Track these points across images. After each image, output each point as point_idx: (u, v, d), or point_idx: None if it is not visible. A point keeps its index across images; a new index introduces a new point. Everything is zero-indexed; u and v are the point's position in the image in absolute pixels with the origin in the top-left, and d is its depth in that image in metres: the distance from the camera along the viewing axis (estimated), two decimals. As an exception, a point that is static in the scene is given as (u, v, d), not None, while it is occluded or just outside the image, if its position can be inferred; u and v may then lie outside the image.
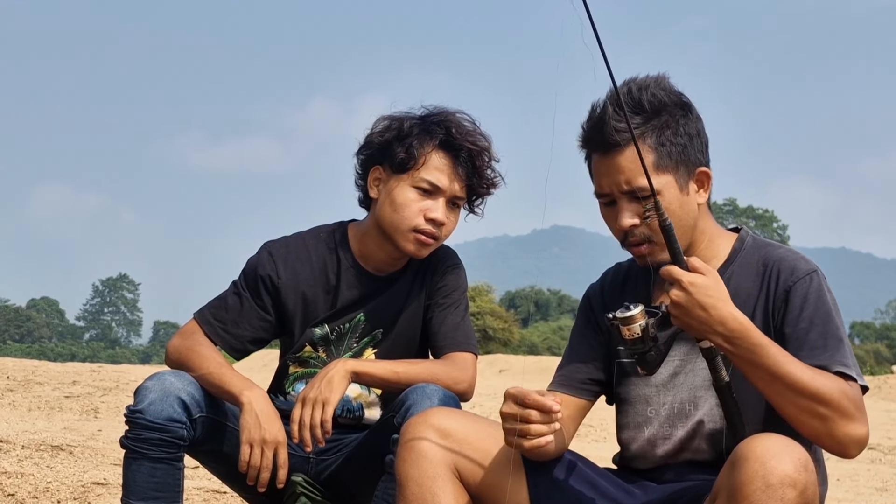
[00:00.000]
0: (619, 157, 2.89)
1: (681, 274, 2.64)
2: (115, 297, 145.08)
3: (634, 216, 2.92)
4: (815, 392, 2.66)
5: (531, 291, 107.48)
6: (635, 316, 2.69)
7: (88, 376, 14.00)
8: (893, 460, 10.12)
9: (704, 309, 2.62)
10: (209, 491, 5.98)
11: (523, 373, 33.03)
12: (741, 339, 2.65)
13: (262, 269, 3.73)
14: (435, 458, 2.87)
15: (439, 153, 3.60)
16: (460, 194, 3.64)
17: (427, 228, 3.59)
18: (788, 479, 2.42)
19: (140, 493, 3.36)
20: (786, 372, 2.66)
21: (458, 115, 3.68)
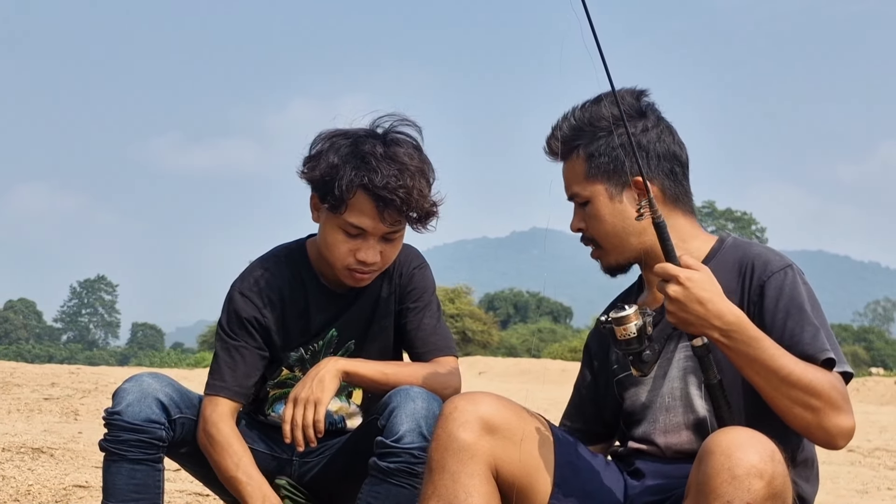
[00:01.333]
0: (563, 166, 3.14)
1: (676, 270, 2.68)
2: (93, 298, 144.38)
3: (580, 221, 3.12)
4: (808, 384, 2.70)
5: (510, 293, 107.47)
6: (629, 316, 2.74)
7: (67, 378, 13.95)
8: (873, 462, 10.15)
9: (702, 303, 2.66)
10: (191, 494, 5.96)
11: (503, 375, 33.03)
12: (738, 332, 2.69)
13: (244, 312, 3.64)
14: (477, 454, 2.82)
15: (364, 197, 3.42)
16: (391, 229, 3.49)
17: (358, 267, 3.52)
18: (755, 469, 2.44)
19: (120, 496, 3.35)
20: (780, 365, 2.69)
21: (389, 138, 3.53)
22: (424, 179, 3.50)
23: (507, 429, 2.88)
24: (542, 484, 2.94)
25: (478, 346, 57.53)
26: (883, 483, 8.53)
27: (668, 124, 3.12)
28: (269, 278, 3.69)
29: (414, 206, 3.45)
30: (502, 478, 2.87)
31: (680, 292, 2.66)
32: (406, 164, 3.44)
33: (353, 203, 3.42)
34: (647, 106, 3.11)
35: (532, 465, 2.92)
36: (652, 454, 3.08)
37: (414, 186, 3.43)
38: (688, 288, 2.66)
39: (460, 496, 2.78)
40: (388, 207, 3.42)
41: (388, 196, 3.39)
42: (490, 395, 2.95)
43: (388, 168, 3.41)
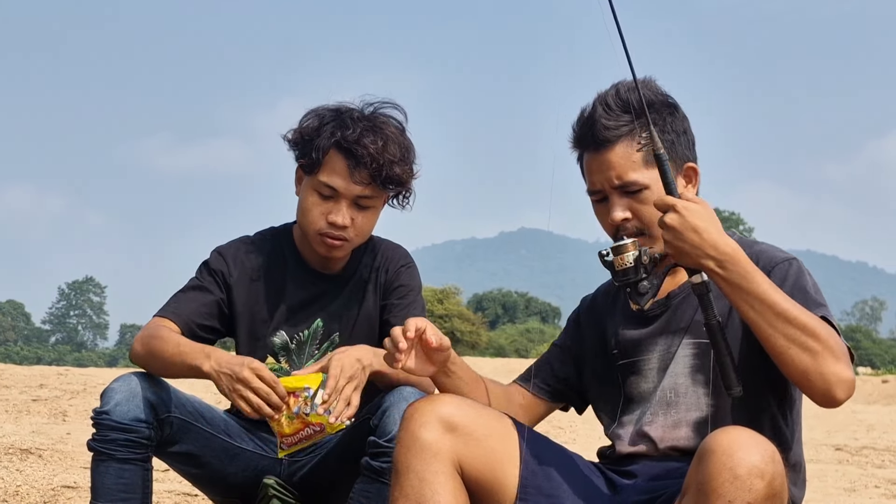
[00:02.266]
0: (610, 153, 3.02)
1: (674, 200, 2.70)
2: (82, 299, 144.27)
3: (626, 210, 3.02)
4: (805, 323, 2.67)
5: (499, 294, 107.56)
6: (627, 246, 2.78)
7: (55, 379, 13.93)
8: (861, 461, 10.18)
9: (697, 232, 2.67)
10: (179, 494, 5.96)
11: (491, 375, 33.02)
12: (733, 263, 2.68)
13: (213, 264, 3.73)
14: (439, 452, 2.84)
15: (337, 155, 3.56)
16: (364, 193, 3.58)
17: (330, 232, 3.58)
18: (756, 469, 2.43)
19: (109, 496, 3.33)
20: (776, 300, 2.68)
21: (368, 110, 3.66)
22: (399, 148, 3.60)
23: (469, 426, 2.91)
24: (509, 478, 2.94)
25: (466, 346, 57.59)
26: (871, 481, 8.55)
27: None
28: (250, 249, 3.79)
29: (385, 168, 3.55)
30: (467, 474, 2.89)
31: (676, 220, 2.67)
32: (382, 129, 3.58)
33: (326, 162, 3.56)
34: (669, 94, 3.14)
35: (496, 459, 2.93)
36: (643, 455, 3.07)
37: (386, 149, 3.54)
38: (684, 216, 2.67)
39: (426, 494, 2.80)
40: (359, 166, 3.52)
41: (358, 151, 3.51)
42: (450, 396, 3.01)
43: (363, 129, 3.55)
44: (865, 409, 19.17)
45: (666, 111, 3.05)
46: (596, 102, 3.07)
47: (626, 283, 2.80)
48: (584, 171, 3.14)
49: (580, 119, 3.11)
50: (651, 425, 3.05)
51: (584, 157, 3.12)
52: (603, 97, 3.06)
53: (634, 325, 3.16)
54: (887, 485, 8.37)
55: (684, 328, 3.05)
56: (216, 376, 3.33)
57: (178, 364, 3.42)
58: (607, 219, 3.06)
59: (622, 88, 3.04)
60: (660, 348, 3.08)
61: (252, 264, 3.75)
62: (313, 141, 3.57)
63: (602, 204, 3.09)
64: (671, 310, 3.10)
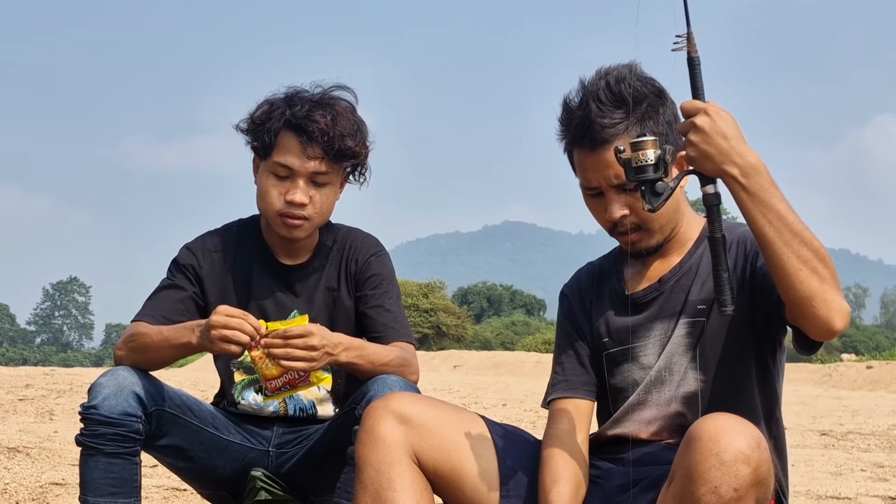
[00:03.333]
0: (607, 152, 2.95)
1: (706, 104, 2.62)
2: (66, 300, 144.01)
3: (624, 207, 3.00)
4: (818, 248, 2.62)
5: (483, 287, 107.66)
6: (647, 142, 2.63)
7: (41, 379, 13.93)
8: (846, 445, 10.24)
9: (726, 138, 2.59)
10: (168, 489, 5.97)
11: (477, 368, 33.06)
12: (757, 174, 2.61)
13: (182, 259, 3.75)
14: (394, 444, 2.90)
15: (288, 134, 3.59)
16: (319, 169, 3.60)
17: (289, 211, 3.60)
18: (742, 455, 2.44)
19: (98, 490, 3.33)
20: (795, 218, 2.62)
21: (317, 91, 3.69)
22: (349, 123, 3.63)
23: (422, 418, 2.96)
24: (467, 466, 2.98)
25: (452, 340, 57.60)
26: (856, 465, 8.59)
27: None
28: (216, 240, 3.81)
29: (336, 140, 3.58)
30: (424, 464, 2.94)
31: (707, 122, 2.59)
32: (331, 105, 3.63)
33: (279, 142, 3.60)
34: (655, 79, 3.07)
35: (452, 449, 2.97)
36: (634, 438, 3.08)
37: (336, 123, 3.58)
38: (715, 120, 2.59)
39: (383, 484, 2.86)
40: (311, 141, 3.56)
41: (308, 126, 3.55)
42: (403, 393, 3.10)
43: (311, 106, 3.60)
44: (850, 395, 19.24)
45: (657, 102, 3.00)
46: (587, 98, 2.99)
47: (642, 180, 2.65)
48: (575, 166, 3.09)
49: (571, 117, 3.03)
50: (644, 405, 3.07)
51: (575, 152, 3.06)
52: (594, 92, 2.98)
53: (626, 312, 3.15)
54: (873, 468, 8.42)
55: (679, 310, 3.05)
56: (201, 341, 3.34)
57: (165, 349, 3.44)
58: (603, 214, 3.04)
59: (612, 80, 2.98)
60: (656, 332, 3.08)
61: (220, 257, 3.77)
62: (265, 124, 3.62)
63: (597, 199, 3.05)
64: (664, 294, 3.10)
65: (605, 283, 3.27)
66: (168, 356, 3.47)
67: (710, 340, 2.99)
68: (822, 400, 16.76)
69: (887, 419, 13.07)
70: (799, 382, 24.22)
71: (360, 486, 2.89)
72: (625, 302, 3.16)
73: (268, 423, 3.77)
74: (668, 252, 3.12)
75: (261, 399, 3.73)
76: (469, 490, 2.99)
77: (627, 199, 2.98)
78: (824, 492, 6.89)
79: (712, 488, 2.44)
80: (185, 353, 3.47)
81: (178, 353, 3.46)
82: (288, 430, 3.73)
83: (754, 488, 2.48)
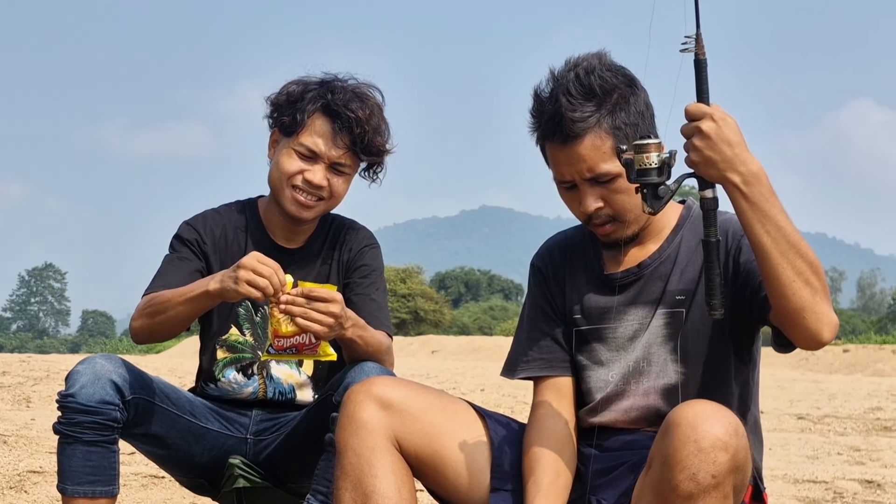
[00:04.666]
0: (579, 146, 2.92)
1: (712, 108, 2.60)
2: (42, 286, 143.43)
3: (598, 200, 2.97)
4: (813, 259, 2.63)
5: (461, 272, 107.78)
6: (650, 145, 2.61)
7: (18, 366, 13.90)
8: (823, 429, 10.29)
9: (731, 145, 2.57)
10: (146, 476, 5.97)
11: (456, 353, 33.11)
12: (759, 183, 2.60)
13: (185, 234, 3.75)
14: (374, 429, 2.90)
15: (321, 118, 3.61)
16: (341, 160, 3.63)
17: (304, 186, 3.61)
18: (720, 442, 2.45)
19: (76, 478, 3.32)
20: (792, 229, 2.62)
21: (351, 83, 3.70)
22: (381, 119, 3.68)
23: (404, 403, 2.96)
24: (448, 451, 2.99)
25: (430, 325, 57.67)
26: (833, 448, 8.65)
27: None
28: (216, 220, 3.81)
29: (368, 135, 3.61)
30: (405, 449, 2.95)
31: (713, 129, 2.56)
32: (368, 100, 3.65)
33: (309, 123, 3.61)
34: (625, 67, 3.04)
35: (434, 434, 2.98)
36: (611, 426, 3.08)
37: (371, 117, 3.62)
38: (721, 126, 2.57)
39: (364, 469, 2.86)
40: (343, 130, 3.59)
41: (345, 114, 3.58)
42: (384, 377, 3.08)
43: (351, 96, 3.62)
44: (827, 379, 19.37)
45: (628, 92, 2.97)
46: (557, 92, 2.94)
47: (645, 184, 2.63)
48: (548, 159, 3.06)
49: (541, 110, 2.99)
50: (623, 395, 3.07)
51: (547, 146, 3.03)
52: (564, 85, 2.94)
53: (603, 292, 3.14)
54: (849, 451, 8.47)
55: (657, 299, 3.05)
56: (223, 285, 3.28)
57: (182, 303, 3.41)
58: (578, 206, 3.02)
59: (581, 72, 2.94)
60: (631, 318, 3.08)
61: (219, 234, 3.78)
62: (297, 103, 3.62)
63: (571, 192, 3.02)
64: (643, 280, 3.09)
65: (579, 257, 3.24)
66: (184, 312, 3.43)
67: (691, 333, 2.99)
68: (799, 383, 16.86)
69: (864, 402, 13.16)
70: (776, 366, 24.36)
71: (340, 471, 2.90)
72: (602, 281, 3.15)
73: (246, 407, 3.77)
74: (644, 239, 3.12)
75: (241, 378, 3.74)
76: (451, 475, 3.00)
77: (601, 192, 2.96)
78: (801, 475, 6.92)
79: (690, 475, 2.44)
80: (201, 306, 3.42)
81: (194, 306, 3.41)
82: (266, 417, 3.73)
83: (732, 475, 2.48)
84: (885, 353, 26.54)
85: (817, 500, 6.11)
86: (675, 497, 2.47)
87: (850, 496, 6.26)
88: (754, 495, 2.91)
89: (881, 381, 18.45)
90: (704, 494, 2.45)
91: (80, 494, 3.33)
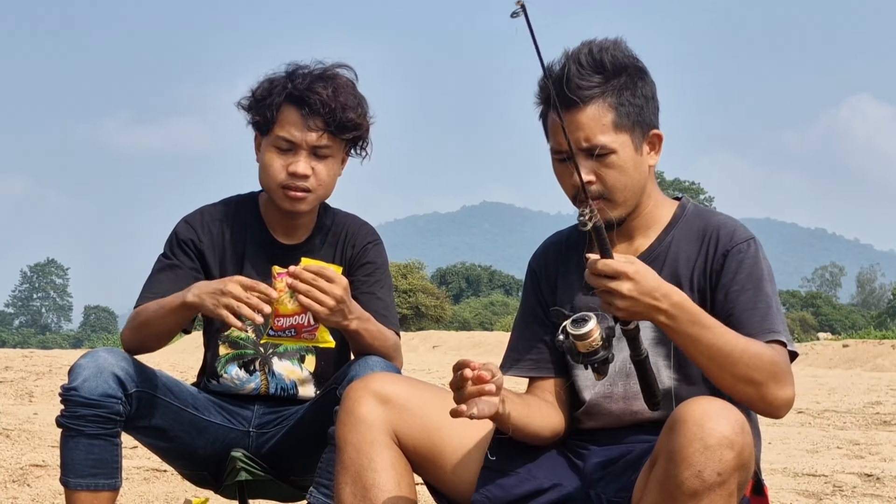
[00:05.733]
0: (580, 114, 2.93)
1: (623, 266, 2.62)
2: (44, 282, 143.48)
3: (590, 173, 2.95)
4: (749, 359, 2.70)
5: (462, 268, 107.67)
6: (592, 331, 2.65)
7: (20, 362, 13.91)
8: (822, 423, 10.31)
9: (653, 295, 2.63)
10: (149, 469, 5.99)
11: (457, 349, 33.11)
12: (683, 312, 2.67)
13: (182, 234, 3.74)
14: (374, 424, 2.91)
15: (289, 108, 3.60)
16: (320, 143, 3.61)
17: (291, 183, 3.60)
18: (726, 440, 2.46)
19: (79, 471, 3.34)
20: (725, 341, 2.70)
21: (317, 67, 3.68)
22: (350, 96, 3.64)
23: (402, 398, 2.98)
24: (447, 444, 3.01)
25: (431, 320, 57.60)
26: (832, 442, 8.66)
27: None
28: (215, 216, 3.80)
29: (338, 112, 3.59)
30: (404, 443, 2.96)
31: (634, 289, 2.61)
32: (333, 79, 3.64)
33: (281, 117, 3.61)
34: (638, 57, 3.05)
35: (433, 427, 3.00)
36: (602, 428, 3.09)
37: (338, 95, 3.59)
38: (640, 283, 2.61)
39: (364, 464, 2.88)
40: (313, 113, 3.57)
41: (310, 98, 3.56)
42: (383, 373, 3.10)
43: (313, 78, 3.61)
44: (826, 374, 19.39)
45: (637, 75, 2.98)
46: (568, 60, 2.96)
47: (593, 363, 2.69)
48: (548, 129, 3.05)
49: (549, 75, 2.94)
50: (610, 398, 3.06)
51: (549, 114, 3.03)
52: (575, 55, 2.96)
53: (593, 293, 3.05)
54: (849, 445, 8.48)
55: None
56: (200, 300, 3.31)
57: (163, 315, 3.44)
58: (569, 179, 3.00)
59: (594, 48, 2.96)
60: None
61: (217, 231, 3.76)
62: (266, 99, 3.63)
63: (565, 164, 3.00)
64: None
65: (573, 255, 3.23)
66: (167, 323, 3.46)
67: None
68: (798, 378, 16.72)
69: (863, 397, 13.17)
70: (776, 361, 24.29)
71: (340, 466, 2.91)
72: None
73: (248, 402, 3.78)
74: (634, 234, 3.11)
75: (243, 374, 3.75)
76: (450, 469, 3.02)
77: (594, 166, 2.95)
78: (801, 469, 6.94)
79: (696, 472, 2.45)
80: (182, 316, 3.43)
81: (175, 318, 3.44)
82: (268, 410, 3.74)
83: (737, 472, 2.49)
84: (885, 348, 26.50)
85: (817, 493, 6.12)
86: (680, 494, 2.48)
87: (850, 490, 6.27)
88: (755, 489, 2.90)
89: (881, 376, 18.47)
90: (710, 492, 2.46)
91: (83, 487, 3.35)
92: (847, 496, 6.07)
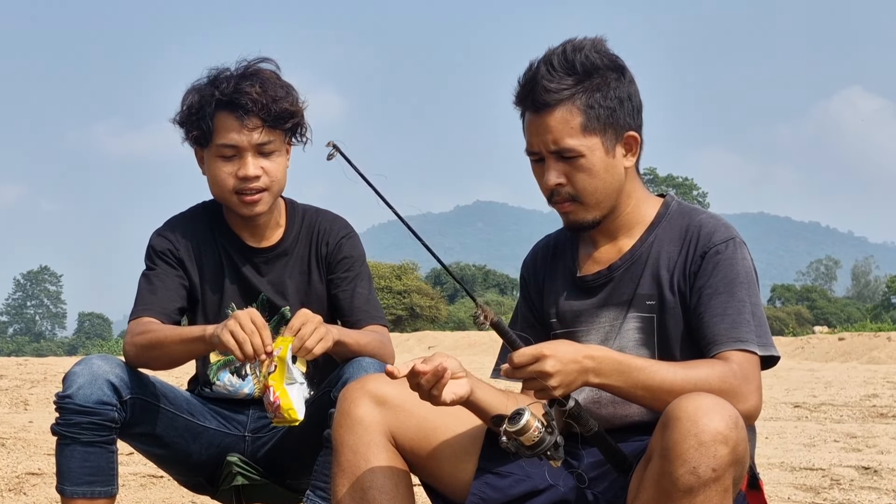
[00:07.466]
0: (549, 117, 2.93)
1: (536, 348, 2.64)
2: (38, 289, 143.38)
3: (560, 175, 2.96)
4: (695, 388, 2.67)
5: (456, 268, 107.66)
6: (528, 423, 2.63)
7: (15, 370, 13.90)
8: (819, 417, 10.31)
9: (574, 360, 2.65)
10: (145, 476, 5.98)
11: (453, 348, 33.10)
12: (609, 360, 2.70)
13: (159, 246, 3.72)
14: (370, 426, 2.91)
15: (223, 114, 3.57)
16: (262, 140, 3.59)
17: (244, 187, 3.59)
18: (720, 436, 2.45)
19: (74, 479, 3.34)
20: (661, 378, 2.71)
21: (239, 66, 3.67)
22: (277, 86, 3.63)
23: (398, 399, 2.96)
24: (443, 445, 3.01)
25: (426, 320, 57.64)
26: (829, 436, 8.66)
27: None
28: (186, 226, 3.79)
29: (271, 106, 3.57)
30: (401, 444, 2.96)
31: (556, 364, 2.62)
32: (257, 74, 3.62)
33: (217, 125, 3.58)
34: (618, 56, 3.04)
35: (429, 429, 3.00)
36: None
37: (266, 90, 3.58)
38: (556, 354, 2.63)
39: (361, 465, 2.89)
40: (248, 114, 3.55)
41: (241, 100, 3.54)
42: (378, 375, 3.05)
43: (238, 79, 3.59)
44: (822, 367, 19.38)
45: (612, 75, 2.96)
46: (540, 62, 2.96)
47: (542, 452, 2.67)
48: (524, 129, 3.05)
49: (524, 76, 2.99)
50: (599, 403, 3.05)
51: (525, 115, 3.03)
52: (548, 57, 2.96)
53: (577, 296, 3.14)
54: (846, 439, 8.49)
55: (628, 301, 3.04)
56: (215, 331, 3.27)
57: (179, 344, 3.43)
58: (542, 181, 3.02)
59: (569, 49, 2.95)
60: (603, 321, 3.07)
61: (193, 239, 3.76)
62: (198, 113, 3.60)
63: (539, 164, 3.02)
64: (614, 282, 3.07)
65: (560, 259, 3.25)
66: (179, 352, 3.46)
67: (667, 339, 2.97)
68: (794, 372, 16.87)
69: (859, 390, 13.17)
70: (772, 356, 24.30)
71: (337, 468, 2.91)
72: (576, 283, 3.15)
73: (243, 406, 3.78)
74: (618, 234, 3.11)
75: (235, 380, 3.75)
76: (447, 470, 3.01)
77: (564, 168, 2.96)
78: (798, 463, 6.94)
79: (691, 469, 2.45)
80: (196, 349, 3.44)
81: (189, 347, 3.43)
82: (263, 414, 3.72)
83: (732, 468, 2.49)
84: (881, 340, 26.51)
85: (814, 487, 6.13)
86: (675, 490, 2.48)
87: (847, 483, 6.28)
88: (751, 483, 2.91)
89: (877, 369, 18.46)
90: (705, 488, 2.46)
91: (79, 495, 3.35)
92: (845, 489, 6.07)
